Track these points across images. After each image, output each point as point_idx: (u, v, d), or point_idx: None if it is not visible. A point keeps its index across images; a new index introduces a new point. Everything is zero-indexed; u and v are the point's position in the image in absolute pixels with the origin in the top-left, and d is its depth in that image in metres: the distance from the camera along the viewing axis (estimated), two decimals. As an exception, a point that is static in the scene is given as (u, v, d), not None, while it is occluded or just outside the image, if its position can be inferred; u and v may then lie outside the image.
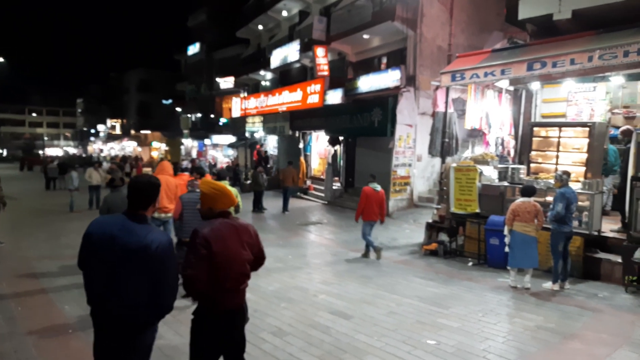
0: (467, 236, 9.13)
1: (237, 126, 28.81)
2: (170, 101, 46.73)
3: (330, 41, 17.81)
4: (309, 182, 20.41)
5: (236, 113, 28.17)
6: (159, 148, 48.47)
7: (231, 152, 33.04)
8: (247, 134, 26.93)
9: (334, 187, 18.02)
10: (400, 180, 14.67)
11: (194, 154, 39.11)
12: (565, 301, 6.36)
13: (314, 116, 19.08)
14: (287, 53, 21.02)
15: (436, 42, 14.83)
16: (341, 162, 18.37)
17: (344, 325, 5.39)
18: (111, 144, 62.84)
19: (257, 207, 15.52)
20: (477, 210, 9.04)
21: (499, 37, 14.30)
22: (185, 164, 15.41)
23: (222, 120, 33.50)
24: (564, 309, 6.05)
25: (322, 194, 18.32)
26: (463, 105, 10.94)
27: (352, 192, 17.28)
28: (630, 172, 7.49)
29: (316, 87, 18.36)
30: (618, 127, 10.03)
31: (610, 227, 8.15)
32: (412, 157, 14.90)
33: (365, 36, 16.44)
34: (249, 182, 20.50)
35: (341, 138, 18.30)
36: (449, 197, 9.57)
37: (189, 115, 41.01)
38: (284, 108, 21.26)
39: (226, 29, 31.63)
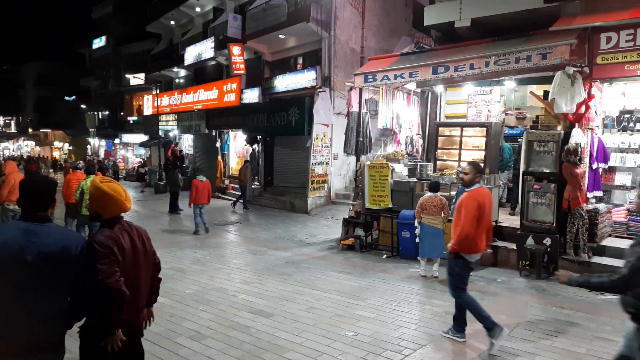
0: (381, 230, 9.56)
1: (149, 124, 27.44)
2: (73, 97, 43.20)
3: (246, 40, 17.62)
4: (227, 182, 20.04)
5: (148, 111, 26.84)
6: (61, 148, 44.62)
7: (143, 151, 31.40)
8: (160, 133, 25.76)
9: (252, 186, 17.87)
10: (318, 178, 14.94)
11: (102, 154, 36.58)
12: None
13: (231, 115, 18.78)
14: (202, 50, 20.44)
15: (349, 44, 15.29)
16: (260, 161, 18.26)
17: (264, 323, 5.39)
18: (5, 143, 56.54)
19: (174, 208, 14.95)
20: (390, 205, 9.49)
21: (408, 41, 15.11)
22: (79, 162, 14.59)
23: (133, 119, 31.69)
24: (467, 293, 6.56)
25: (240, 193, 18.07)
26: (375, 106, 11.41)
27: (272, 191, 17.28)
28: (522, 167, 8.31)
29: (233, 85, 18.08)
30: (511, 127, 11.09)
31: (506, 217, 8.99)
32: (329, 156, 15.24)
33: (281, 36, 16.49)
34: (163, 182, 19.64)
35: (259, 137, 18.20)
36: (364, 193, 9.95)
37: (95, 113, 38.22)
38: (199, 106, 20.66)
39: (135, 23, 29.96)
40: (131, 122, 32.25)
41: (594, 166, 8.07)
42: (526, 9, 8.33)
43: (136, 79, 28.66)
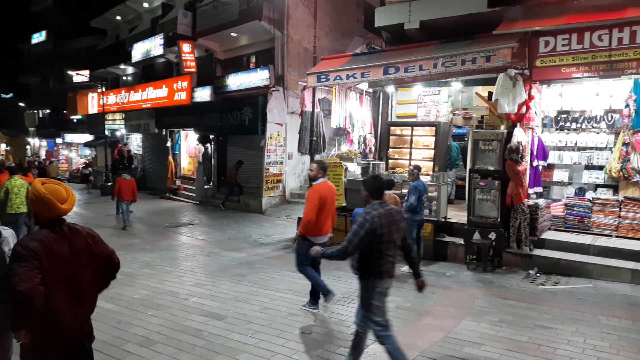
0: (335, 229, 9.58)
1: (94, 123, 26.28)
2: (11, 95, 40.56)
3: (196, 37, 17.23)
4: (178, 182, 19.53)
5: (93, 109, 25.71)
6: (-4, 148, 41.85)
7: (88, 151, 30.06)
8: (107, 132, 24.73)
9: (205, 187, 17.52)
10: (272, 177, 14.85)
11: (43, 155, 34.64)
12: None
13: (182, 114, 18.30)
14: (150, 47, 19.78)
15: (303, 43, 15.31)
16: (213, 161, 17.92)
17: (217, 326, 5.29)
18: None
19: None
20: (344, 204, 9.57)
21: (360, 42, 15.33)
22: (11, 163, 13.97)
23: (77, 117, 30.22)
24: (419, 288, 6.73)
25: (193, 194, 17.69)
26: (329, 106, 11.49)
27: (225, 191, 17.00)
28: (468, 165, 8.63)
29: (183, 83, 17.64)
30: (459, 127, 11.50)
31: (454, 214, 9.31)
32: (284, 155, 15.20)
33: (233, 34, 16.27)
34: (110, 184, 18.87)
35: (212, 136, 17.86)
36: (319, 192, 9.97)
37: (35, 111, 36.12)
38: (148, 105, 20.00)
39: (78, 17, 28.53)
40: (75, 121, 30.74)
41: (534, 164, 8.51)
42: (471, 12, 8.64)
43: (80, 76, 27.35)
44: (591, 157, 8.79)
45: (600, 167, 8.60)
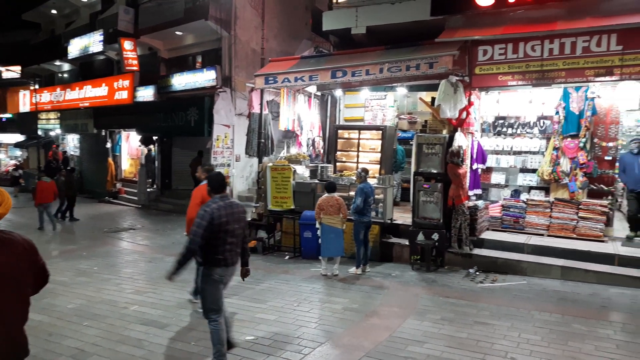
0: (283, 231, 9.58)
1: (26, 123, 24.61)
2: None
3: (139, 34, 16.57)
4: (119, 185, 18.70)
5: (25, 108, 24.09)
6: None
7: (19, 152, 28.12)
8: (40, 132, 23.23)
9: (148, 190, 16.87)
10: (219, 180, 14.53)
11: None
12: (367, 282, 7.20)
13: (124, 114, 17.54)
14: (89, 43, 18.81)
15: (251, 45, 15.13)
16: (157, 163, 17.30)
17: (158, 335, 5.09)
18: None
19: (70, 215, 13.74)
20: (292, 207, 9.55)
21: (308, 45, 15.37)
22: None
23: (6, 116, 28.20)
24: (365, 289, 6.83)
25: (135, 198, 16.99)
26: (277, 108, 11.42)
27: (170, 194, 16.46)
28: (413, 168, 8.87)
29: (125, 82, 16.93)
30: (404, 130, 11.81)
31: (400, 215, 9.53)
32: (231, 157, 14.91)
33: (178, 33, 15.80)
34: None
35: (156, 137, 17.25)
36: (267, 195, 9.90)
37: (-43, 109, 33.23)
38: (86, 104, 19.03)
39: (9, 10, 26.64)
40: (4, 120, 28.68)
41: (474, 167, 8.90)
42: (415, 20, 8.92)
43: (10, 71, 25.53)
44: (525, 160, 9.31)
45: (534, 170, 9.13)
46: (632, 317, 5.64)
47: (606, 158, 8.66)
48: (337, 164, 10.92)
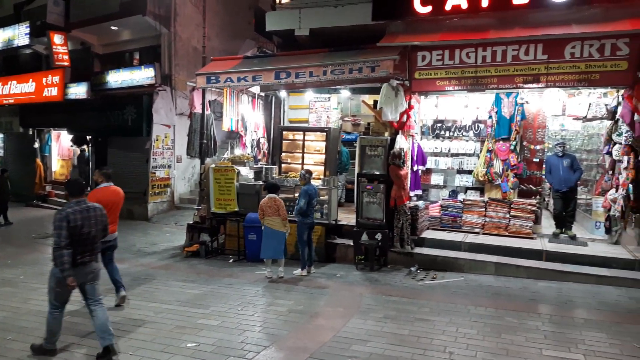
0: (227, 234, 9.40)
1: (-60, 120, 22.43)
2: None
3: (70, 28, 15.62)
4: (48, 188, 17.53)
5: (-62, 104, 21.90)
6: None
7: None
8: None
9: (82, 193, 15.92)
10: (159, 182, 14.05)
11: None
12: (311, 284, 7.22)
13: (54, 112, 16.45)
14: (13, 35, 17.45)
15: (192, 42, 14.74)
16: (90, 164, 16.38)
17: (92, 346, 4.80)
18: None
19: (4, 219, 12.75)
20: (236, 209, 9.40)
21: (251, 44, 15.20)
22: None
23: None
24: (310, 291, 6.85)
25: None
26: (220, 108, 11.21)
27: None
28: (356, 170, 9.00)
29: (55, 78, 15.88)
30: (348, 132, 11.98)
31: (344, 216, 9.64)
32: (172, 158, 14.47)
33: (114, 27, 15.07)
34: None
35: (89, 137, 16.34)
36: (210, 197, 9.67)
37: None
38: (11, 101, 17.66)
39: None
40: None
41: (415, 168, 9.19)
42: (357, 24, 9.07)
43: None
44: (462, 162, 9.76)
45: (469, 172, 9.58)
46: (558, 309, 6.05)
47: (534, 160, 9.25)
48: (282, 165, 10.88)
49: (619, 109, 7.93)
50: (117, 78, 14.40)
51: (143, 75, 13.75)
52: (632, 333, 5.20)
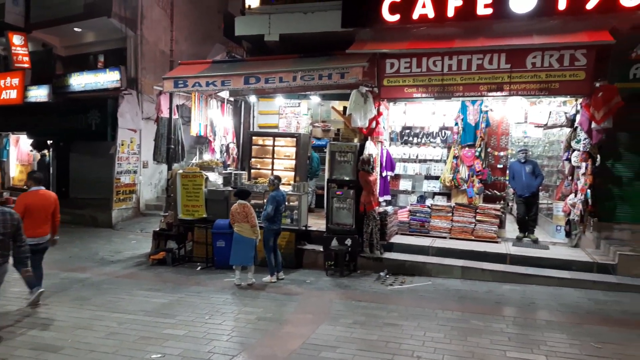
0: (195, 241, 9.23)
1: None
2: None
3: (30, 29, 15.06)
4: (7, 194, 16.75)
5: None
6: None
7: None
8: None
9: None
10: (124, 188, 13.68)
11: None
12: (281, 290, 7.17)
13: (12, 115, 15.78)
14: (-31, 34, 16.70)
15: (159, 46, 14.48)
16: (52, 169, 15.79)
17: (51, 360, 4.61)
18: None
19: None
20: (205, 215, 9.24)
21: (221, 49, 15.05)
22: None
23: None
24: (279, 297, 6.79)
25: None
26: (188, 112, 11.03)
27: (68, 204, 15.05)
28: (326, 175, 9.02)
29: (14, 80, 15.25)
30: (319, 138, 11.99)
31: (314, 222, 9.63)
32: (138, 164, 14.12)
33: (77, 29, 14.64)
34: None
35: (51, 142, 15.76)
36: (177, 203, 9.48)
37: None
38: (-35, 103, 16.82)
39: None
40: None
41: (384, 174, 9.29)
42: (327, 30, 9.11)
43: None
44: (429, 168, 9.94)
45: (437, 177, 9.76)
46: (522, 311, 6.22)
47: (498, 166, 9.52)
48: (252, 170, 10.78)
49: (578, 117, 8.26)
50: (80, 81, 13.98)
51: (108, 79, 13.41)
52: (591, 333, 5.39)
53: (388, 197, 9.60)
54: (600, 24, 7.62)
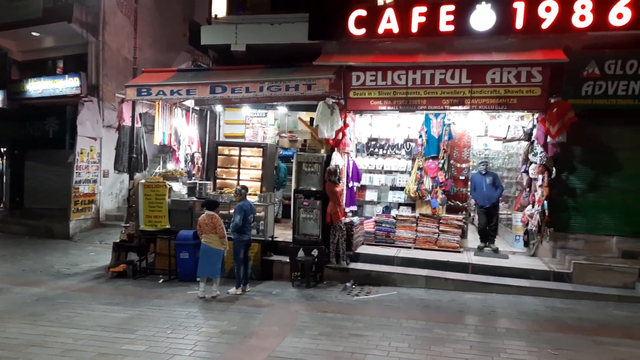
0: (158, 253, 8.99)
1: None
2: None
3: (-16, 32, 14.46)
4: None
5: None
6: None
7: None
8: None
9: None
10: (83, 197, 13.21)
11: None
12: (246, 302, 7.06)
13: (-37, 121, 15.02)
14: None
15: (122, 52, 14.16)
16: (5, 178, 15.08)
17: (0, 381, 4.36)
18: None
19: None
20: (168, 226, 9.03)
21: (187, 57, 14.88)
22: None
23: None
24: (245, 310, 6.69)
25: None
26: (152, 121, 10.80)
27: (22, 215, 14.44)
28: (293, 186, 9.01)
29: (-35, 84, 14.55)
30: (286, 148, 11.98)
31: (281, 232, 9.58)
32: (98, 173, 13.68)
33: (35, 33, 14.14)
34: None
35: (4, 149, 15.07)
36: (139, 214, 9.23)
37: None
38: None
39: None
40: None
41: (350, 185, 9.37)
42: (294, 42, 9.17)
43: None
44: (395, 179, 10.10)
45: (402, 188, 9.93)
46: (483, 320, 6.37)
47: (460, 177, 9.78)
48: (218, 180, 10.63)
49: (534, 131, 8.61)
50: (38, 87, 13.50)
51: (67, 85, 13.01)
52: (549, 340, 5.58)
53: (354, 208, 9.67)
54: (555, 43, 8.02)
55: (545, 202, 8.21)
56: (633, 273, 7.48)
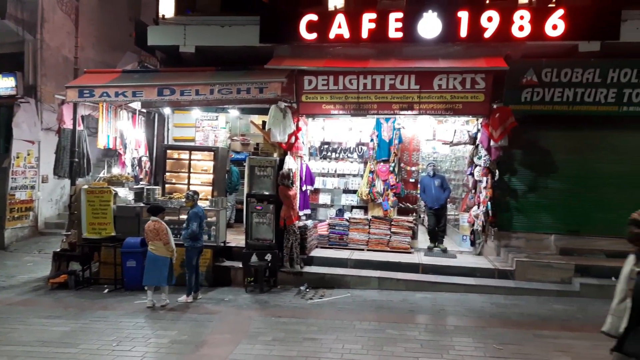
0: (102, 262, 8.59)
1: None
2: None
3: None
4: None
5: None
6: None
7: None
8: None
9: None
10: (20, 205, 12.40)
11: None
12: (198, 310, 6.89)
13: None
14: None
15: (62, 52, 13.45)
16: None
17: None
18: None
19: None
20: (113, 234, 8.67)
21: (133, 58, 14.31)
22: None
23: None
24: (196, 318, 6.52)
25: None
26: (95, 124, 10.32)
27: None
28: (246, 190, 8.89)
29: None
30: (238, 152, 11.82)
31: (233, 237, 9.42)
32: (36, 178, 12.89)
33: (-35, 29, 13.15)
34: None
35: None
36: (81, 221, 8.78)
37: None
38: None
39: None
40: None
41: (304, 188, 9.39)
42: (245, 45, 9.08)
43: None
44: (347, 182, 10.22)
45: (354, 191, 10.06)
46: (433, 318, 6.56)
47: (410, 180, 10.05)
48: (167, 185, 10.30)
49: (479, 136, 9.00)
50: (-32, 87, 12.51)
51: (2, 85, 12.19)
52: (494, 335, 5.82)
53: (308, 211, 9.68)
54: (497, 51, 8.43)
55: (489, 202, 8.59)
56: (569, 269, 7.96)
